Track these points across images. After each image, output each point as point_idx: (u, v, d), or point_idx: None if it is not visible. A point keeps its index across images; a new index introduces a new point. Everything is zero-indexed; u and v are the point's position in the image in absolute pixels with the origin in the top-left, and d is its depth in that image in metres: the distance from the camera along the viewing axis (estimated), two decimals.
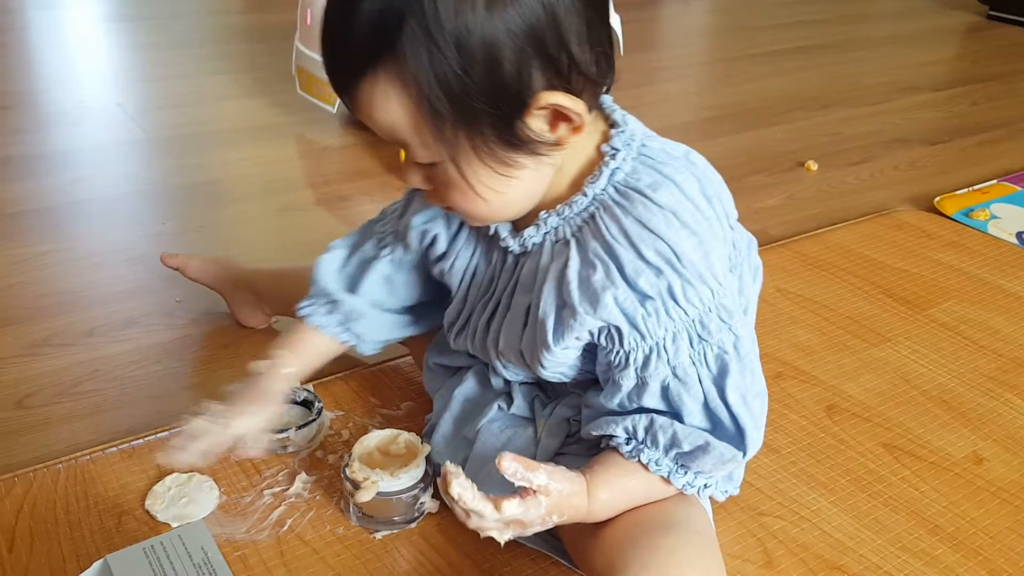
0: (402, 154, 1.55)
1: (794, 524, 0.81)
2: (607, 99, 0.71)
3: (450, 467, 0.62)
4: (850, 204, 1.50)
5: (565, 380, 0.75)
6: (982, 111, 2.01)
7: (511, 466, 0.61)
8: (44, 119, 1.81)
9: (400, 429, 0.82)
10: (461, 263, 0.78)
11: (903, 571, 0.76)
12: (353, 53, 0.61)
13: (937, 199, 1.47)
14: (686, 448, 0.67)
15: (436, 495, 0.80)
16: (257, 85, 2.00)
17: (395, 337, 0.89)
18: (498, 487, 0.64)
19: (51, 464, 0.84)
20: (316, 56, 1.66)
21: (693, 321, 0.66)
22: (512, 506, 0.62)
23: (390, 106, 0.62)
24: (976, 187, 1.53)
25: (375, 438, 0.81)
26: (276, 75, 1.99)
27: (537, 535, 0.75)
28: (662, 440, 0.67)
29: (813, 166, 1.64)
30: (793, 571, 0.76)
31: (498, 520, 0.63)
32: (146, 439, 0.88)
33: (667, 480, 0.68)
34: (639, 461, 0.68)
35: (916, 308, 1.16)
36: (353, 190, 1.51)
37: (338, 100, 1.61)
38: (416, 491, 0.77)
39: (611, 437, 0.69)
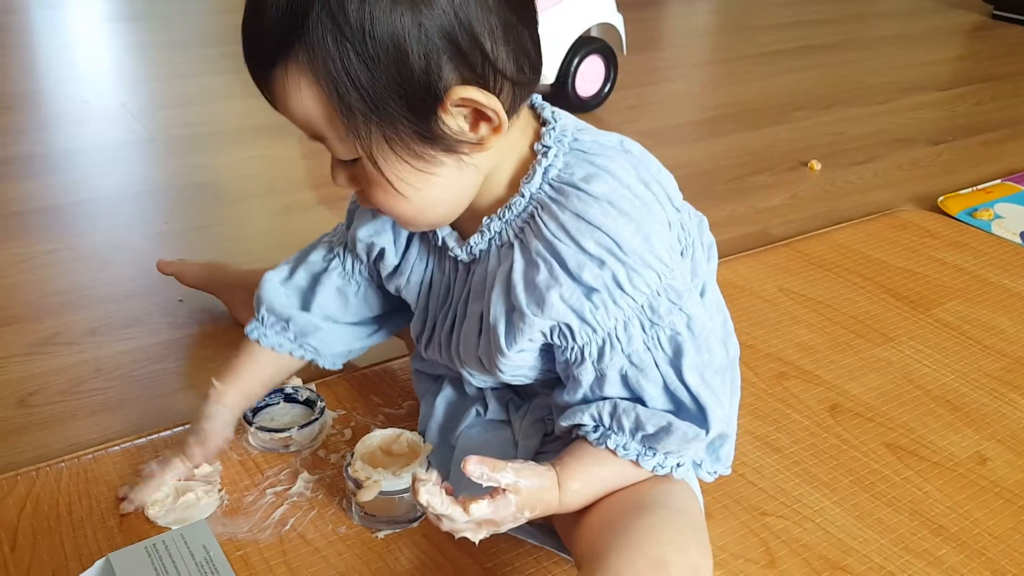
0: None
1: (797, 524, 0.81)
2: (537, 98, 0.70)
3: (419, 474, 0.62)
4: (853, 204, 1.50)
5: (528, 382, 0.75)
6: (986, 111, 2.00)
7: (476, 468, 0.62)
8: (47, 118, 1.81)
9: (402, 428, 0.82)
10: (416, 276, 0.78)
11: (906, 571, 0.76)
12: (265, 43, 0.61)
13: (941, 199, 1.47)
14: (650, 430, 0.67)
15: None
16: None
17: (357, 348, 0.89)
18: (479, 488, 0.65)
19: (53, 463, 0.84)
20: None
21: (642, 307, 0.66)
22: (481, 507, 0.62)
23: (302, 97, 0.62)
24: (980, 187, 1.53)
25: (377, 437, 0.81)
26: None
27: (537, 529, 0.75)
28: (627, 424, 0.67)
29: (816, 166, 1.64)
30: (796, 571, 0.76)
31: (468, 522, 0.63)
32: (149, 438, 0.88)
33: (636, 464, 0.68)
34: (607, 447, 0.68)
35: (919, 308, 1.16)
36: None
37: None
38: None
39: (579, 427, 0.69)
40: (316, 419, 0.88)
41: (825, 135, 1.82)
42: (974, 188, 1.52)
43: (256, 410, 0.89)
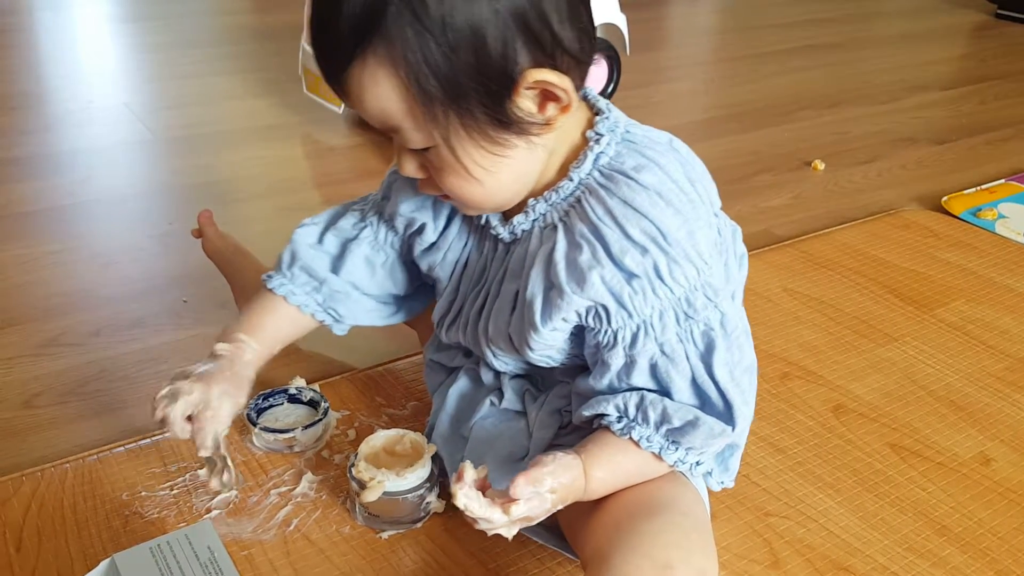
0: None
1: (800, 524, 0.81)
2: (590, 90, 0.72)
3: (468, 469, 0.63)
4: (857, 203, 1.50)
5: (553, 364, 0.76)
6: (990, 110, 2.00)
7: (525, 490, 0.63)
8: (52, 119, 1.81)
9: (406, 429, 0.82)
10: (452, 255, 0.79)
11: (910, 572, 0.76)
12: (342, 40, 0.62)
13: (944, 198, 1.47)
14: (676, 423, 0.67)
15: (442, 495, 0.80)
16: (264, 85, 2.00)
17: (372, 323, 0.89)
18: (498, 480, 0.65)
19: (58, 464, 0.85)
20: None
21: (679, 299, 0.67)
22: (520, 509, 0.63)
23: (380, 91, 0.63)
24: (984, 186, 1.53)
25: (381, 438, 0.81)
26: (283, 75, 1.99)
27: (542, 529, 0.75)
28: (652, 416, 0.67)
29: (820, 165, 1.64)
30: (799, 571, 0.76)
31: (507, 521, 0.63)
32: (153, 439, 0.88)
33: (659, 457, 0.69)
34: (630, 438, 0.68)
35: (923, 308, 1.16)
36: (360, 190, 1.49)
37: None
38: (422, 491, 0.78)
39: (602, 416, 0.70)
40: (320, 420, 0.88)
41: (829, 135, 1.82)
42: (978, 188, 1.52)
43: (260, 411, 0.89)
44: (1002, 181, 1.56)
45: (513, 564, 0.76)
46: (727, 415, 0.68)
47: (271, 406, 0.91)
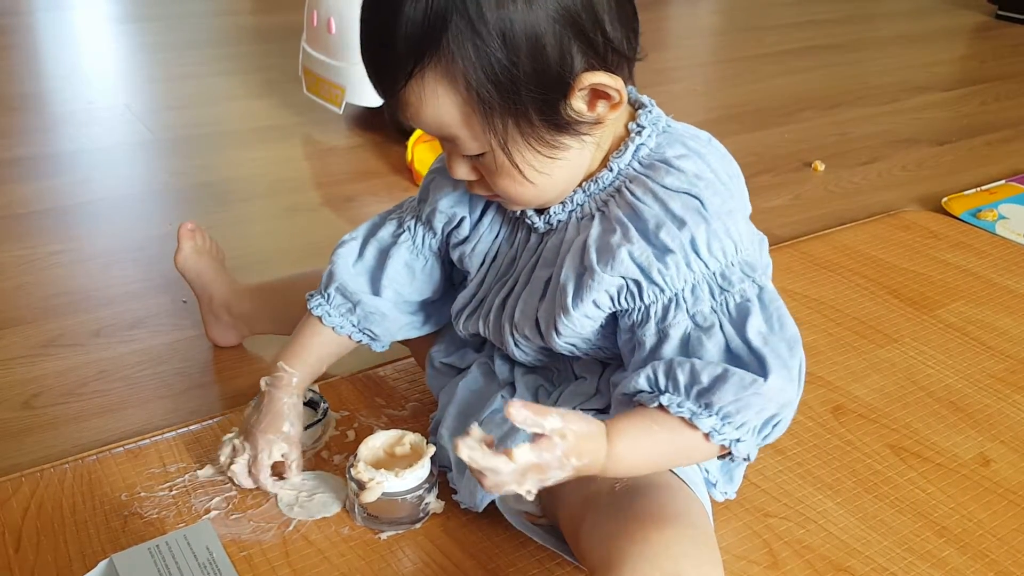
0: (408, 153, 1.54)
1: (800, 525, 0.81)
2: (631, 88, 0.73)
3: (475, 428, 0.59)
4: (857, 204, 1.50)
5: (577, 354, 0.76)
6: (990, 111, 2.00)
7: (520, 412, 0.57)
8: (52, 120, 1.82)
9: (405, 430, 0.82)
10: (483, 246, 0.79)
11: (909, 573, 0.76)
12: (400, 56, 0.63)
13: (945, 199, 1.47)
14: (705, 381, 0.64)
15: (441, 496, 0.80)
16: (264, 86, 2.01)
17: (407, 336, 0.89)
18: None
19: (58, 464, 0.85)
20: (323, 57, 1.66)
21: (714, 274, 0.67)
22: (524, 452, 0.58)
23: (439, 103, 0.64)
24: (984, 187, 1.52)
25: (380, 438, 0.81)
26: (283, 76, 1.99)
27: (542, 528, 0.75)
28: (682, 378, 0.65)
29: (820, 166, 1.64)
30: (799, 572, 0.76)
31: (514, 470, 0.58)
32: (152, 439, 0.88)
33: (691, 424, 0.65)
34: (659, 405, 0.65)
35: (923, 309, 1.16)
36: (359, 190, 1.51)
37: (344, 101, 1.61)
38: (421, 492, 0.78)
39: (636, 393, 0.68)
40: (319, 420, 0.88)
41: (829, 136, 1.82)
42: (978, 189, 1.52)
43: None
44: (1002, 182, 1.56)
45: (512, 565, 0.75)
46: (760, 370, 0.65)
47: None
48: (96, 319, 1.11)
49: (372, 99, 1.60)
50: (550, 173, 0.68)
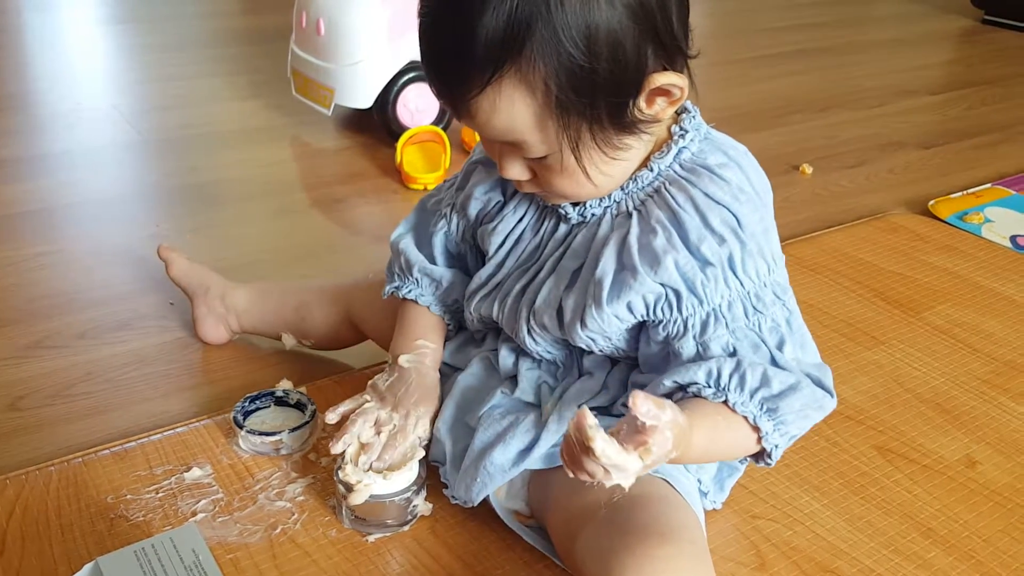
0: (398, 155, 1.53)
1: (787, 527, 0.81)
2: None
3: (588, 414, 0.53)
4: (844, 207, 1.50)
5: (593, 349, 0.76)
6: (977, 115, 2.01)
7: (644, 404, 0.54)
8: (40, 121, 1.81)
9: None
10: (504, 228, 0.80)
11: (896, 574, 0.76)
12: (477, 65, 0.62)
13: (931, 203, 1.48)
14: (776, 388, 0.66)
15: (429, 497, 0.80)
16: (252, 87, 2.00)
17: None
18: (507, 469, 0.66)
19: (43, 466, 0.84)
20: (311, 59, 1.66)
21: (748, 293, 0.68)
22: (652, 450, 0.55)
23: (514, 109, 0.64)
24: (970, 191, 1.53)
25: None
26: (272, 77, 1.99)
27: (532, 532, 0.75)
28: (750, 381, 0.66)
29: (808, 169, 1.64)
30: (786, 574, 0.76)
31: (639, 469, 0.55)
32: (139, 442, 0.88)
33: (753, 425, 0.67)
34: (725, 402, 0.67)
35: (910, 311, 1.16)
36: (348, 192, 1.51)
37: (333, 103, 1.61)
38: (409, 494, 0.77)
39: (691, 385, 0.68)
40: (307, 422, 0.88)
41: (818, 139, 1.82)
42: (965, 192, 1.53)
43: (247, 413, 0.89)
44: (988, 185, 1.56)
45: (500, 568, 0.75)
46: (822, 385, 0.69)
47: (258, 408, 0.90)
48: (82, 321, 1.10)
49: (361, 101, 1.60)
50: (611, 173, 0.69)
